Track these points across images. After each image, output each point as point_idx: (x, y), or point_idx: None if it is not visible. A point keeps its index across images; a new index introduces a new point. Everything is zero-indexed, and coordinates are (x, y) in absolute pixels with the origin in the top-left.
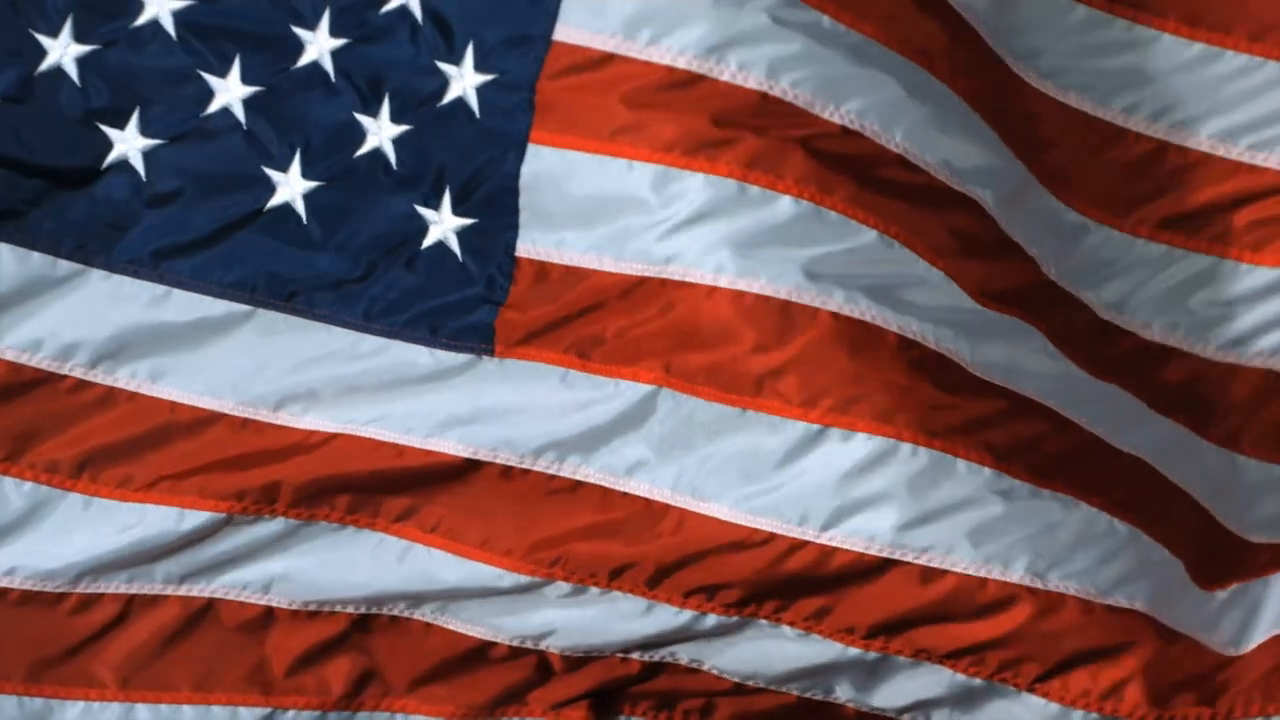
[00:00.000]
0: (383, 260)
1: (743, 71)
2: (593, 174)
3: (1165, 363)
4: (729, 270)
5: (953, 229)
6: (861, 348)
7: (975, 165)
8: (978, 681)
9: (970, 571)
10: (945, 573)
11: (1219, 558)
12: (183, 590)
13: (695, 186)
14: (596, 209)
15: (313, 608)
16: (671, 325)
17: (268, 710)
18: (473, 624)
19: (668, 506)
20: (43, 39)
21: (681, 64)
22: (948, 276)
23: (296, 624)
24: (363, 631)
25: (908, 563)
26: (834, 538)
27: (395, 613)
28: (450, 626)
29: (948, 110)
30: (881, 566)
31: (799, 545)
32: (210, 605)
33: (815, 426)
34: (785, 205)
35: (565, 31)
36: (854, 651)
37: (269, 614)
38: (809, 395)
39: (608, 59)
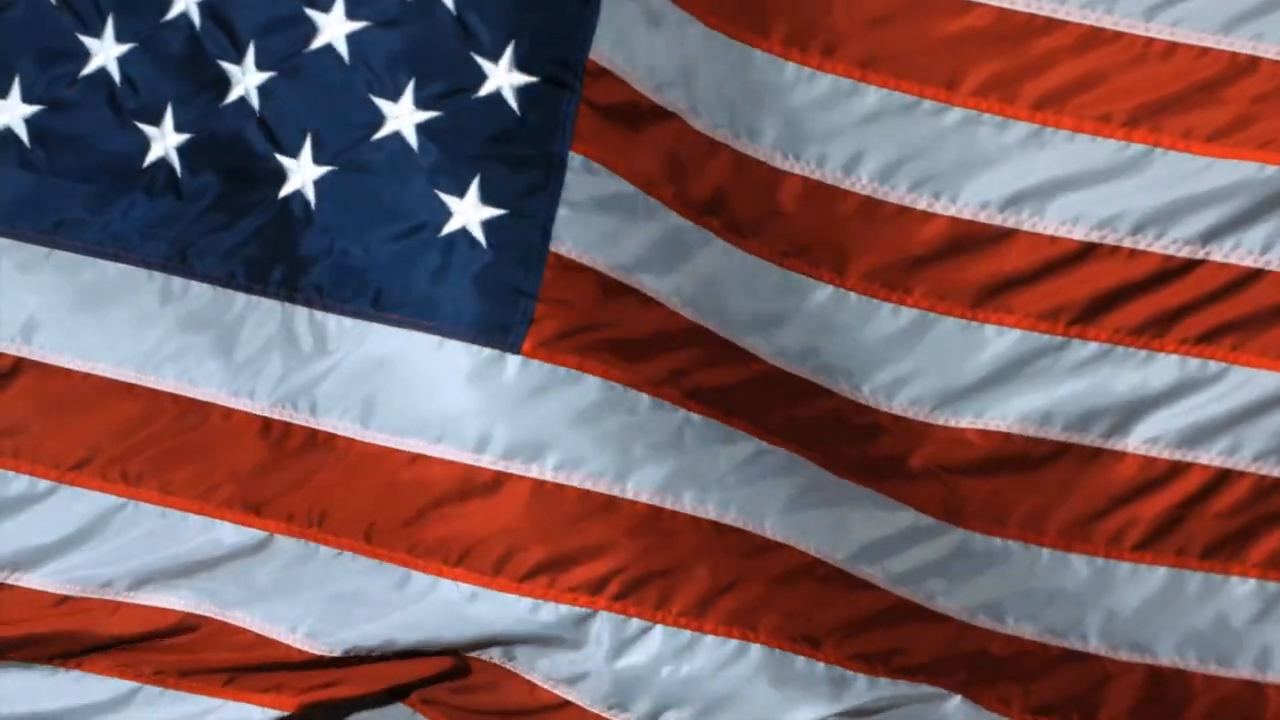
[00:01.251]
0: (396, 247)
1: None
2: (624, 195)
3: None
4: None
5: None
6: None
7: None
8: None
9: None
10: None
11: None
12: (228, 617)
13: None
14: (628, 228)
15: (350, 652)
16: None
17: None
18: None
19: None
20: (88, 41)
21: (674, 108)
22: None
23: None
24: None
25: None
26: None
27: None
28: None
29: None
30: None
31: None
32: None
33: None
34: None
35: (598, 51)
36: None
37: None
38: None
39: (624, 88)
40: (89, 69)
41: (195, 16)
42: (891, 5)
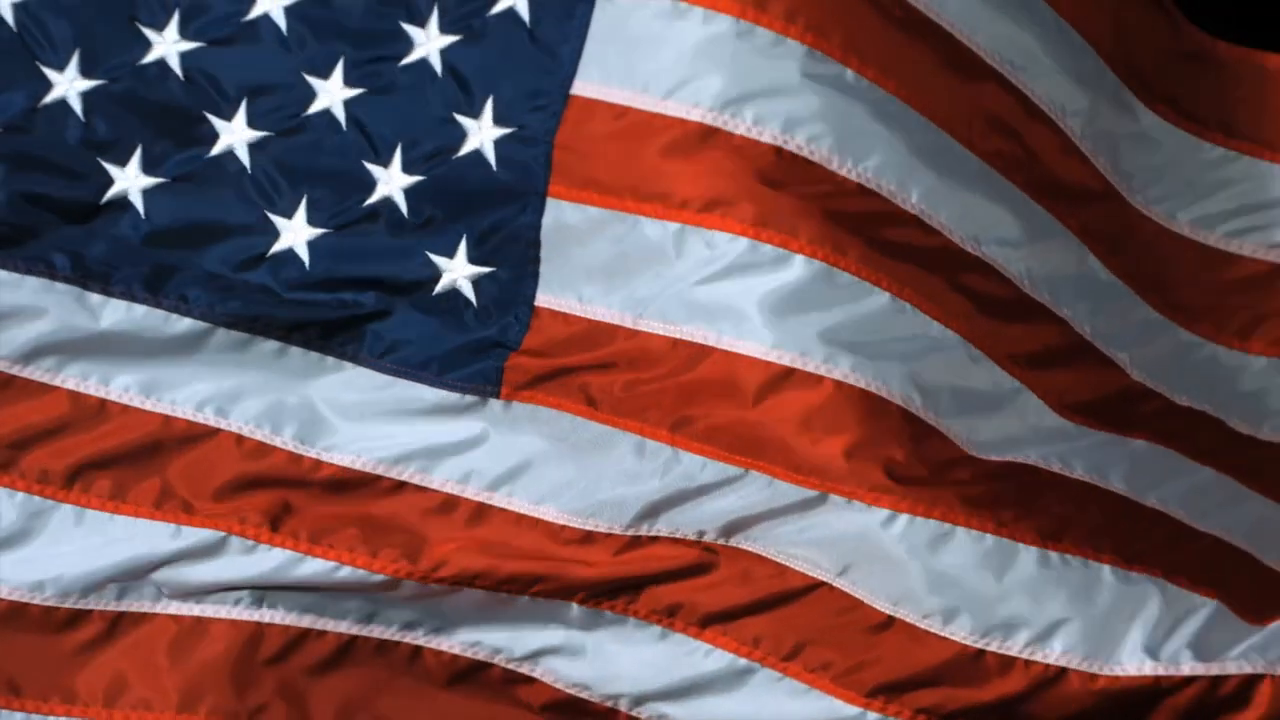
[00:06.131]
0: (393, 303)
1: (758, 126)
2: (612, 229)
3: (1196, 428)
4: (746, 334)
5: (971, 291)
6: (865, 416)
7: (998, 232)
8: None
9: (970, 642)
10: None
11: (1265, 594)
12: (172, 609)
13: (714, 244)
14: (616, 265)
15: (305, 623)
16: (683, 384)
17: None
18: (468, 646)
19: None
20: (49, 71)
21: (695, 117)
22: (963, 339)
23: (287, 639)
24: (348, 657)
25: (910, 624)
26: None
27: (386, 636)
28: (442, 648)
29: (966, 171)
30: (887, 623)
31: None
32: (199, 623)
33: (813, 493)
34: (798, 266)
35: (583, 86)
36: (853, 710)
37: (260, 633)
38: (813, 463)
39: (624, 112)
40: (49, 98)
41: (176, 66)
42: None
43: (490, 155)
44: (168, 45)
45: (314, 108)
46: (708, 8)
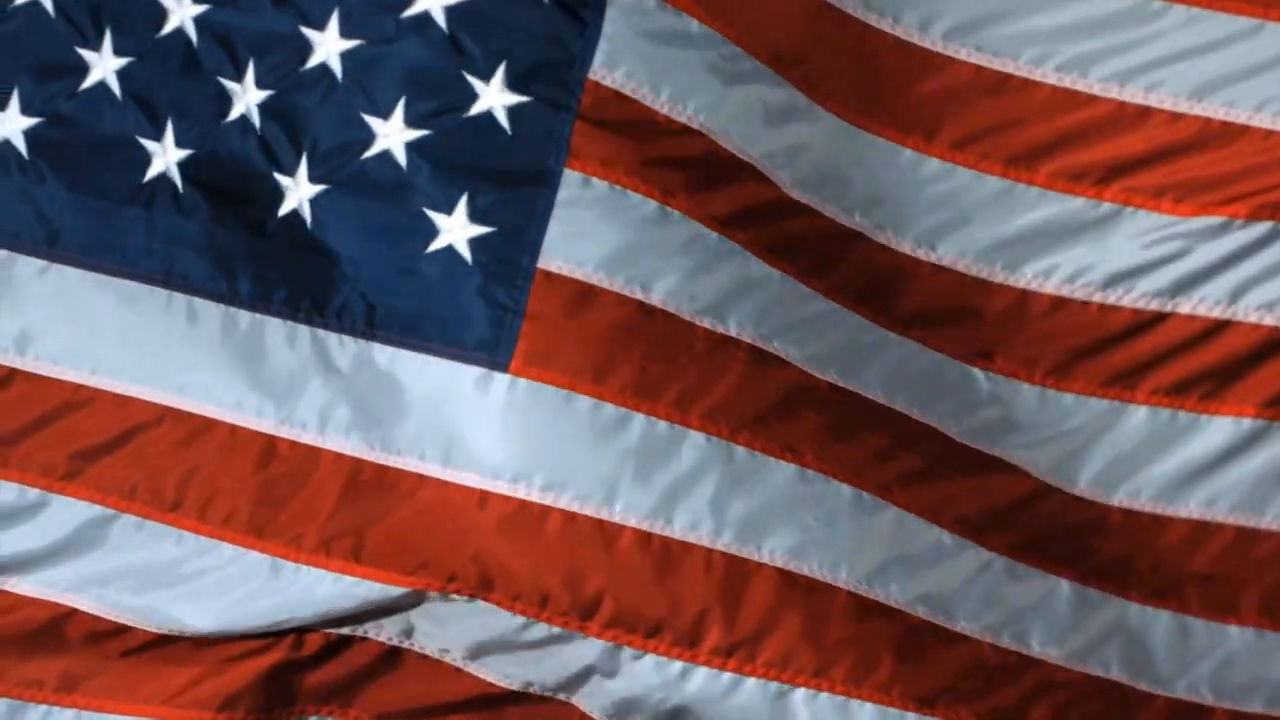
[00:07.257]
0: (387, 265)
1: (745, 145)
2: (632, 209)
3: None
4: (748, 331)
5: (929, 295)
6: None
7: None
8: None
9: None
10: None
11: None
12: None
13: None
14: (634, 241)
15: (345, 630)
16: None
17: None
18: (503, 676)
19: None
20: (85, 53)
21: (696, 124)
22: (922, 346)
23: (328, 643)
24: (392, 665)
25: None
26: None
27: (427, 652)
28: (480, 674)
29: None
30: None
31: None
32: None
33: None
34: (775, 280)
35: (600, 72)
36: (912, 718)
37: (301, 638)
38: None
39: (635, 105)
40: (88, 82)
41: (192, 33)
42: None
43: (504, 120)
44: (183, 9)
45: (311, 61)
46: (706, 25)
